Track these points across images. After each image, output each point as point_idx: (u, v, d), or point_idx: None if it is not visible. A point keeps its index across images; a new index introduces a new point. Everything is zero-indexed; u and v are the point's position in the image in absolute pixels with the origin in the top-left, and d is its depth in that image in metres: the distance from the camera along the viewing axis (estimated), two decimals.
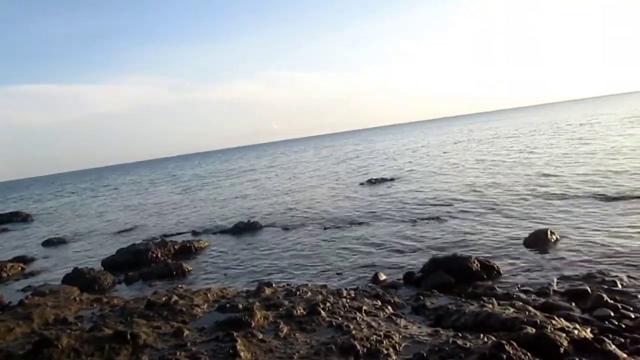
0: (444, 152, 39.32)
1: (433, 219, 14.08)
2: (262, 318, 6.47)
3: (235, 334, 5.81)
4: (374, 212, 16.59)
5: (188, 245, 14.59)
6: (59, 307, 8.54)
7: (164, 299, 7.97)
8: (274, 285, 9.11)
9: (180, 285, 10.30)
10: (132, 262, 13.39)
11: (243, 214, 20.17)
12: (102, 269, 13.05)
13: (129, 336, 5.94)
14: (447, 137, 65.75)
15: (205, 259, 13.34)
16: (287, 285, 9.24)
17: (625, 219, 11.11)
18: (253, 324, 6.27)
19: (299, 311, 6.69)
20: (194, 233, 17.63)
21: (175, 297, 7.99)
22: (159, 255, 13.73)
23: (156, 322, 6.89)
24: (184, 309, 7.42)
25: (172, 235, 17.54)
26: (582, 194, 14.50)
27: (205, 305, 7.73)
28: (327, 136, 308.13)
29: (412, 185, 22.06)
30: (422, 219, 14.20)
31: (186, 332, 6.29)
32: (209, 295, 8.39)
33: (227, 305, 7.44)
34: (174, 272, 11.94)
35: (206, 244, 15.10)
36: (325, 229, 14.96)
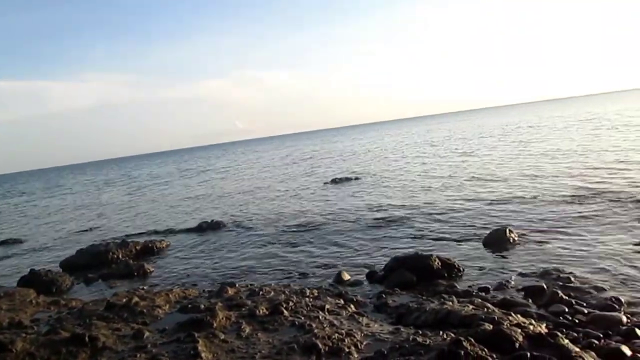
0: (403, 153, 39.90)
1: (395, 218, 14.24)
2: (224, 318, 6.44)
3: (196, 335, 5.76)
4: (338, 211, 16.68)
5: (150, 245, 14.36)
6: (14, 310, 8.29)
7: (124, 300, 7.82)
8: (237, 285, 9.06)
9: (141, 286, 10.13)
10: (91, 263, 13.09)
11: (206, 214, 19.99)
12: (60, 270, 12.73)
13: (87, 339, 5.81)
14: (405, 137, 66.81)
15: (168, 259, 13.17)
16: (250, 285, 9.21)
17: (577, 218, 11.48)
18: (215, 324, 6.23)
19: (261, 311, 6.68)
20: (156, 233, 17.36)
21: (136, 299, 7.85)
22: (120, 256, 13.48)
23: (116, 324, 6.77)
24: (144, 310, 7.30)
25: (134, 235, 17.22)
26: (535, 195, 14.89)
27: (167, 306, 7.62)
28: (293, 135, 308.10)
29: (376, 185, 22.29)
30: (385, 219, 14.34)
31: (147, 334, 6.20)
32: (170, 296, 8.27)
33: (189, 305, 7.36)
34: (135, 273, 11.74)
35: (169, 244, 14.90)
36: (288, 228, 14.95)
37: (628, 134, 29.39)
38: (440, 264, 8.74)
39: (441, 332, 5.36)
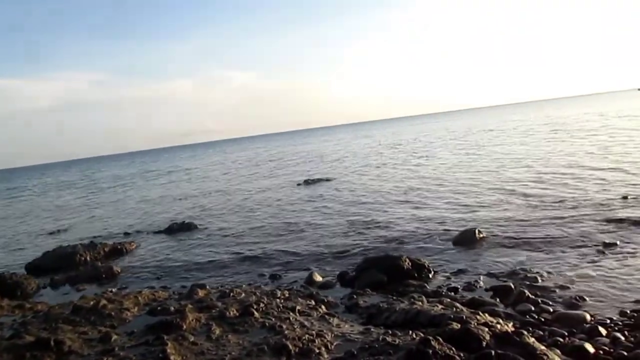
0: (374, 155, 40.24)
1: (367, 219, 14.33)
2: (194, 320, 6.37)
3: (165, 337, 5.69)
4: (310, 212, 16.72)
5: (119, 247, 14.14)
6: None
7: (91, 303, 7.67)
8: (207, 287, 8.98)
9: (109, 289, 9.98)
10: (58, 265, 12.81)
11: (177, 215, 19.79)
12: (26, 273, 12.43)
13: (52, 343, 5.69)
14: (374, 139, 67.48)
15: (137, 261, 12.98)
16: (221, 286, 9.15)
17: (543, 220, 11.73)
18: (184, 326, 6.16)
19: (231, 312, 6.64)
20: (126, 234, 17.10)
21: (103, 301, 7.72)
22: (88, 258, 13.23)
23: (83, 327, 6.64)
24: (112, 313, 7.18)
25: (102, 237, 16.93)
26: (502, 197, 15.19)
27: (136, 309, 7.51)
28: (264, 136, 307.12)
29: (347, 186, 22.42)
30: (357, 220, 14.42)
31: (114, 337, 6.09)
32: (139, 298, 8.15)
33: (158, 308, 7.27)
34: (104, 275, 11.54)
35: (138, 245, 14.71)
36: (260, 229, 14.90)
37: (577, 140, 30.25)
38: (410, 264, 8.82)
39: (411, 332, 5.40)
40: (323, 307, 7.31)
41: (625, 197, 12.71)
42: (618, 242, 9.34)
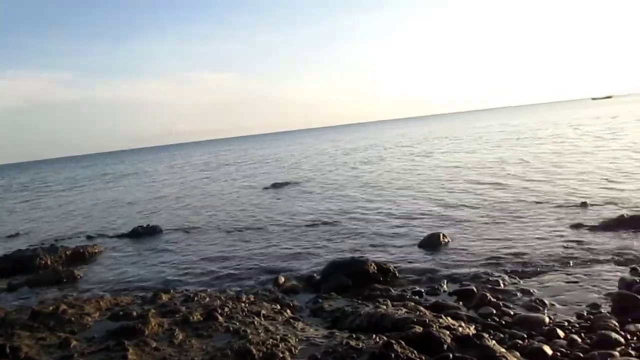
0: (344, 158, 40.49)
1: (332, 223, 14.39)
2: (157, 325, 6.29)
3: (126, 343, 5.60)
4: (275, 216, 16.68)
5: (81, 250, 13.81)
6: None
7: (50, 308, 7.49)
8: (172, 291, 8.89)
9: (70, 294, 9.76)
10: (16, 269, 12.43)
11: (142, 218, 19.48)
12: None
13: (7, 349, 5.54)
14: (335, 144, 68.19)
15: (100, 265, 12.71)
16: (186, 290, 9.05)
17: (507, 223, 12.00)
18: (147, 331, 6.08)
19: (195, 317, 6.58)
20: (89, 238, 16.70)
21: (63, 306, 7.54)
22: (49, 262, 12.87)
23: (41, 333, 6.47)
24: (72, 319, 7.03)
25: (64, 240, 16.54)
26: (465, 201, 15.46)
27: (97, 314, 7.37)
28: (236, 139, 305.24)
29: (314, 190, 22.48)
30: (322, 224, 14.47)
31: (74, 343, 5.96)
32: (101, 303, 7.99)
33: (121, 313, 7.15)
34: (65, 280, 11.26)
35: (102, 249, 14.39)
36: (227, 233, 14.79)
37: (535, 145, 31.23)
38: (376, 268, 8.89)
39: (374, 336, 5.44)
40: (288, 311, 7.31)
41: (584, 204, 13.08)
42: (577, 246, 9.61)
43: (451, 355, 4.08)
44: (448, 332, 4.74)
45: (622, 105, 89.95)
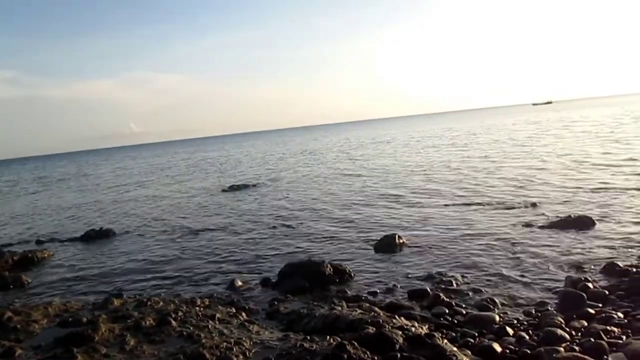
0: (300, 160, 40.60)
1: (291, 224, 14.40)
2: (107, 331, 6.14)
3: (75, 350, 5.45)
4: (234, 218, 16.58)
5: (29, 255, 13.31)
6: None
7: None
8: (124, 296, 8.69)
9: (16, 300, 9.41)
10: None
11: (95, 222, 18.97)
12: None
13: None
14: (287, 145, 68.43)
15: (50, 271, 12.29)
16: (139, 295, 8.86)
17: (460, 224, 12.27)
18: (96, 338, 5.93)
19: (148, 322, 6.45)
20: (38, 242, 16.14)
21: (9, 313, 7.27)
22: None
23: None
24: (18, 326, 6.79)
25: (12, 245, 15.93)
26: (420, 203, 15.73)
27: (45, 321, 7.14)
28: (190, 141, 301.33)
29: (272, 192, 22.51)
30: (279, 225, 14.47)
31: (19, 351, 5.77)
32: (49, 309, 7.75)
33: (70, 319, 6.95)
34: (11, 286, 10.83)
35: (52, 253, 13.93)
36: (183, 236, 14.58)
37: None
38: (332, 269, 8.93)
39: (328, 337, 5.46)
40: (243, 314, 7.26)
41: (534, 204, 13.49)
42: (526, 246, 9.90)
43: (399, 355, 4.12)
44: (400, 332, 4.81)
45: (553, 113, 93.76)
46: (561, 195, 14.62)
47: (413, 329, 5.47)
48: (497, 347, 5.52)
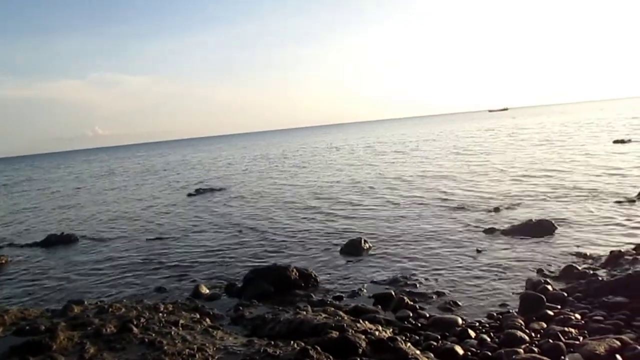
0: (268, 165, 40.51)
1: (256, 229, 14.36)
2: (66, 339, 5.97)
3: (31, 359, 5.29)
4: (199, 222, 16.44)
5: None
6: None
7: None
8: (85, 302, 8.47)
9: None
10: None
11: (57, 226, 18.53)
12: None
13: None
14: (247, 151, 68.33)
15: (7, 277, 11.92)
16: (101, 302, 8.65)
17: (424, 228, 12.42)
18: (54, 346, 5.76)
19: (108, 329, 6.31)
20: None
21: None
22: None
23: None
24: None
25: None
26: (385, 208, 15.89)
27: (0, 330, 6.91)
28: (157, 144, 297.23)
29: (238, 196, 22.43)
30: (246, 229, 14.42)
31: None
32: (6, 317, 7.48)
33: (27, 327, 6.73)
34: None
35: (9, 259, 13.52)
36: (147, 241, 14.34)
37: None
38: (297, 274, 8.91)
39: (292, 342, 5.44)
40: (208, 320, 7.17)
41: (497, 209, 13.76)
42: (488, 250, 10.09)
43: (358, 359, 4.14)
44: (364, 336, 4.83)
45: (508, 119, 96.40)
46: (523, 200, 14.95)
47: (377, 332, 5.49)
48: (459, 350, 5.61)
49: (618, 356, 5.05)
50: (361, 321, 6.23)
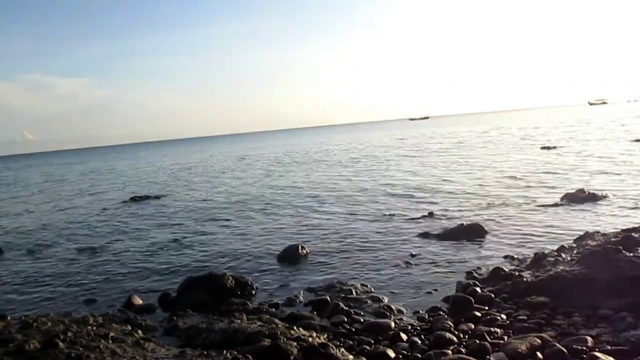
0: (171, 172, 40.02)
1: (192, 237, 14.14)
2: None
3: None
4: (134, 231, 15.96)
5: None
6: None
7: None
8: (8, 317, 8.05)
9: None
10: None
11: None
12: None
13: None
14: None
15: None
16: (24, 316, 8.25)
17: (363, 233, 12.63)
18: None
19: (32, 345, 6.02)
20: None
21: None
22: None
23: None
24: None
25: None
26: (323, 214, 16.04)
27: None
28: (90, 150, 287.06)
29: (175, 203, 21.92)
30: (181, 238, 14.14)
31: None
32: None
33: None
34: None
35: None
36: (77, 251, 13.77)
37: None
38: (234, 282, 8.83)
39: (225, 351, 5.39)
40: (140, 331, 6.97)
41: (431, 214, 14.15)
42: (422, 254, 10.37)
43: None
44: (296, 343, 4.85)
45: (425, 128, 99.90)
46: (457, 205, 15.44)
47: (310, 339, 5.52)
48: (391, 353, 5.72)
49: (539, 353, 5.32)
50: (295, 328, 6.24)
